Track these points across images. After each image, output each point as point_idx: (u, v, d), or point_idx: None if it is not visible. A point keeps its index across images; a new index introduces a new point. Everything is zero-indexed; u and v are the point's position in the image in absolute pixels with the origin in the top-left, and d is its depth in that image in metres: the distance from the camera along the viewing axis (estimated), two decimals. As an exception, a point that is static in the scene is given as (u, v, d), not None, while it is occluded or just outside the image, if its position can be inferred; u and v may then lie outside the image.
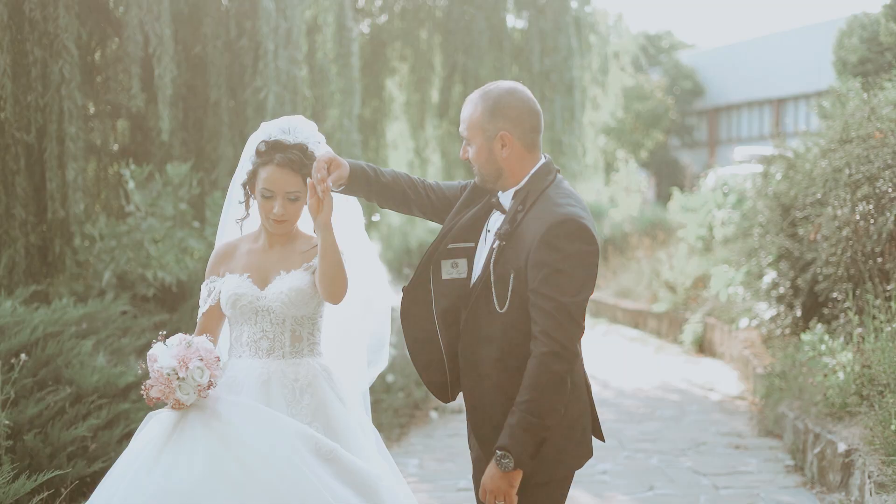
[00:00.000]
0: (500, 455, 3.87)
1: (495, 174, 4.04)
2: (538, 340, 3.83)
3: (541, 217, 3.90)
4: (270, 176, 4.30)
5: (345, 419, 4.31)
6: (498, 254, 3.95)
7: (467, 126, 4.05)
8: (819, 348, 9.17)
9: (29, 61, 9.40)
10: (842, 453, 7.36)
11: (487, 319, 3.98)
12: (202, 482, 3.99)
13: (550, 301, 3.81)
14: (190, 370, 4.10)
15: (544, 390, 3.82)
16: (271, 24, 10.63)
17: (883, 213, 8.99)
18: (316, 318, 4.44)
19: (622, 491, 8.00)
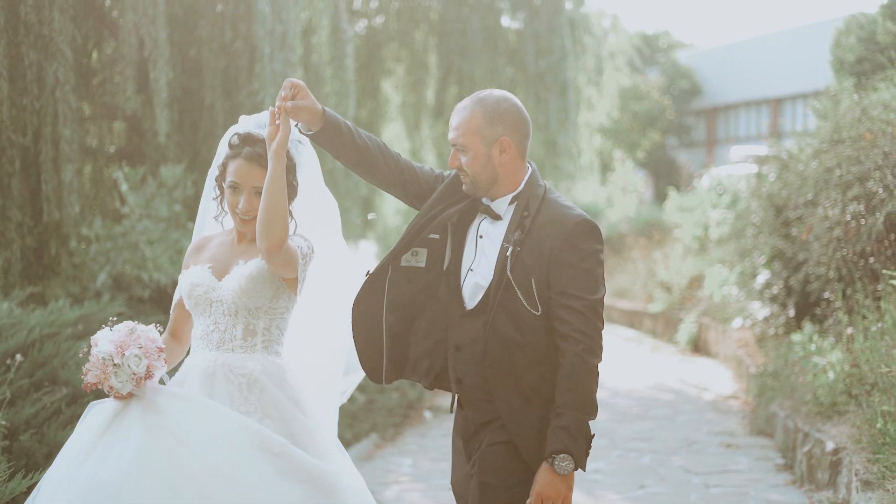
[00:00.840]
0: (560, 458, 3.89)
1: (491, 180, 4.08)
2: (572, 339, 3.92)
3: (556, 221, 4.00)
4: (238, 169, 4.23)
5: (301, 422, 4.17)
6: (514, 260, 3.99)
7: (462, 132, 4.06)
8: (809, 348, 9.25)
9: (24, 64, 9.44)
10: (830, 452, 7.43)
11: (514, 324, 4.00)
12: (129, 474, 3.87)
13: (579, 300, 3.93)
14: (126, 357, 3.99)
15: (588, 386, 3.93)
16: (266, 28, 10.68)
17: (873, 214, 9.06)
18: (274, 312, 4.28)
19: (613, 489, 8.08)
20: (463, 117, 4.07)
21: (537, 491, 3.93)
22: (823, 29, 24.57)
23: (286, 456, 4.00)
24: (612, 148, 31.80)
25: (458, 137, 4.07)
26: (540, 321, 3.99)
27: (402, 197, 4.35)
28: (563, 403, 3.91)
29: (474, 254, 4.14)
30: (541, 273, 3.97)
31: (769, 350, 11.03)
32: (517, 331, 4.00)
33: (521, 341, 4.00)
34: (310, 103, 4.10)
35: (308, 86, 12.53)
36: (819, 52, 20.57)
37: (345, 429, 9.43)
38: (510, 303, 3.99)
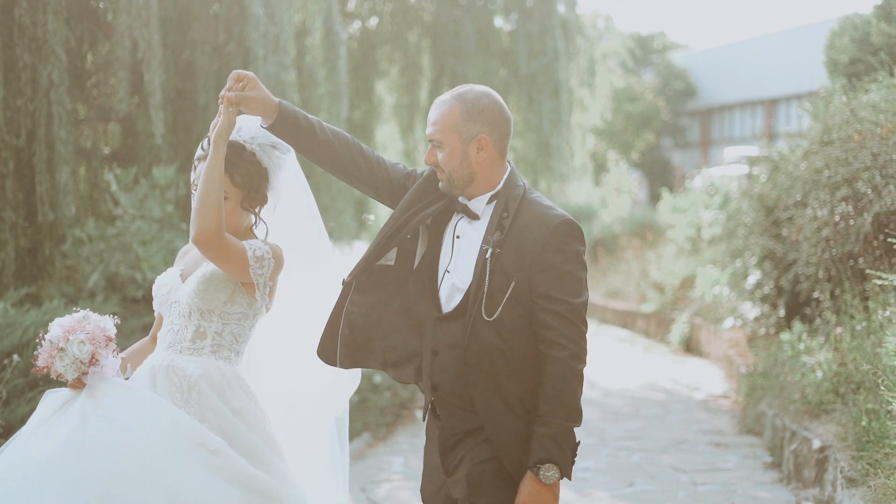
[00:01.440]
0: (544, 468, 3.74)
1: (467, 179, 3.94)
2: (556, 344, 3.79)
3: (537, 222, 3.87)
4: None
5: (240, 432, 4.07)
6: (494, 262, 3.85)
7: (440, 128, 3.93)
8: (797, 347, 9.33)
9: (18, 66, 9.50)
10: (816, 450, 7.51)
11: (496, 330, 3.85)
12: (54, 453, 3.83)
13: (562, 304, 3.79)
14: (70, 341, 3.95)
15: (574, 393, 3.81)
16: (260, 30, 10.76)
17: (861, 214, 9.14)
18: (228, 317, 4.19)
19: (602, 487, 8.16)
20: (441, 112, 3.94)
21: (521, 501, 3.79)
22: (818, 30, 24.66)
23: (221, 455, 3.91)
24: (607, 149, 31.88)
25: (435, 133, 3.94)
26: (521, 326, 3.84)
27: (373, 194, 4.24)
28: (549, 411, 3.77)
29: (451, 255, 3.99)
30: (522, 276, 3.83)
31: (759, 350, 11.09)
32: (498, 336, 3.84)
33: (502, 347, 3.84)
34: (259, 94, 4.01)
35: (302, 87, 12.73)
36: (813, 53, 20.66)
37: (337, 428, 9.50)
38: (490, 307, 3.85)
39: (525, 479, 3.79)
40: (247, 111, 4.07)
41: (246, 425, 4.09)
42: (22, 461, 3.85)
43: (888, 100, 9.78)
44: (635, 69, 38.67)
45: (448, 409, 3.95)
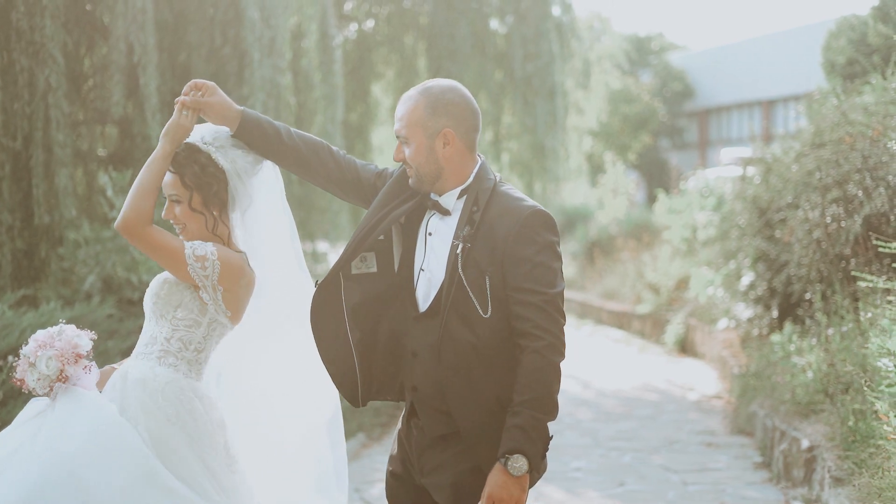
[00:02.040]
0: (513, 459, 3.66)
1: (435, 174, 3.88)
2: (531, 335, 3.70)
3: (507, 214, 3.80)
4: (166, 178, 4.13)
5: (172, 442, 3.95)
6: (465, 258, 3.79)
7: (405, 124, 3.87)
8: (788, 348, 9.41)
9: (15, 70, 9.58)
10: (805, 449, 7.59)
11: (464, 328, 3.79)
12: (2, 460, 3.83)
13: (537, 294, 3.71)
14: (39, 357, 3.91)
15: (547, 383, 3.70)
16: (255, 33, 10.84)
17: (851, 216, 9.22)
18: (177, 323, 4.09)
19: (594, 487, 8.23)
20: (406, 108, 3.88)
21: (488, 492, 3.69)
22: (815, 31, 24.71)
23: (155, 470, 3.85)
24: (603, 150, 31.97)
25: (402, 129, 3.89)
26: (496, 323, 3.77)
27: (345, 196, 4.20)
28: (521, 402, 3.68)
29: (424, 252, 3.92)
30: (495, 269, 3.76)
31: (752, 351, 11.17)
32: (472, 333, 3.77)
33: (476, 344, 3.77)
34: (217, 100, 4.02)
35: (297, 90, 12.82)
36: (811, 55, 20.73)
37: (332, 428, 9.57)
38: (462, 303, 3.78)
39: (493, 470, 3.71)
40: (207, 118, 4.08)
41: (186, 437, 3.97)
42: None
43: (880, 102, 9.86)
44: (632, 71, 38.72)
45: (428, 411, 3.89)
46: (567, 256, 24.25)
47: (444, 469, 3.87)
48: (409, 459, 4.00)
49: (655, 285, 17.66)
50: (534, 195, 17.68)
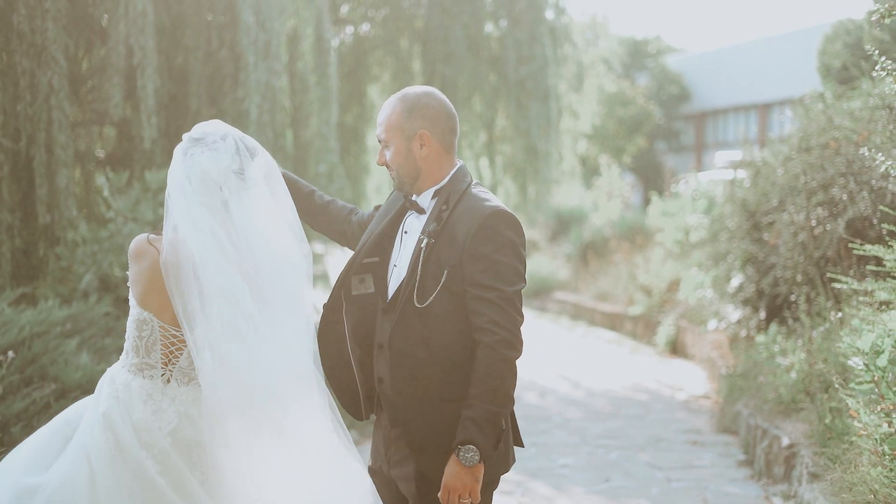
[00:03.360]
0: (464, 450, 3.81)
1: (413, 175, 4.08)
2: (486, 330, 3.84)
3: (470, 213, 3.96)
4: None
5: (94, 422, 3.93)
6: (427, 252, 3.95)
7: (385, 128, 4.08)
8: (772, 349, 9.59)
9: (17, 72, 9.74)
10: (785, 447, 7.79)
11: (418, 321, 3.95)
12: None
13: (493, 291, 3.85)
14: None
15: (500, 377, 3.84)
16: (251, 37, 11.00)
17: (835, 220, 9.41)
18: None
19: (580, 483, 8.42)
20: (385, 113, 4.09)
21: (444, 482, 3.87)
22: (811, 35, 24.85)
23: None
24: (598, 153, 32.09)
25: (382, 133, 4.10)
26: (449, 317, 3.93)
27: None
28: (475, 394, 3.84)
29: (399, 249, 4.13)
30: (455, 264, 3.93)
31: (740, 352, 11.35)
32: (424, 325, 3.94)
33: (427, 336, 3.94)
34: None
35: (293, 93, 12.99)
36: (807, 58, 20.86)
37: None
38: (421, 294, 3.95)
39: (449, 461, 3.86)
40: None
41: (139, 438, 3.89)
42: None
43: (865, 107, 10.03)
44: (627, 74, 38.78)
45: (389, 401, 4.04)
46: (561, 258, 24.42)
47: (408, 461, 4.04)
48: (379, 452, 4.18)
49: (648, 287, 17.85)
50: (527, 198, 17.86)
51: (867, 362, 5.53)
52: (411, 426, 3.98)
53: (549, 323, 20.71)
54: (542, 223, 26.42)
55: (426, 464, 3.97)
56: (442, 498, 3.89)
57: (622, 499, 7.96)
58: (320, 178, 12.74)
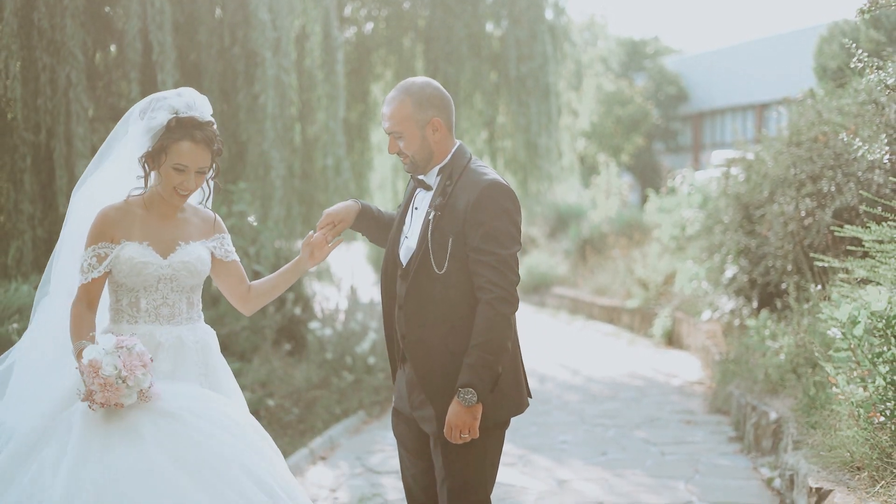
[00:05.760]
0: (464, 392, 4.32)
1: (427, 158, 4.56)
2: (485, 289, 4.36)
3: (470, 185, 4.46)
4: (187, 151, 4.51)
5: (232, 381, 4.79)
6: (434, 223, 4.46)
7: (397, 121, 4.52)
8: (763, 333, 10.01)
9: (38, 67, 10.13)
10: (773, 421, 8.23)
11: (429, 283, 4.46)
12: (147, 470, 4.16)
13: (491, 255, 4.36)
14: (137, 377, 4.19)
15: (496, 330, 4.33)
16: (265, 34, 11.42)
17: (823, 210, 9.81)
18: (202, 285, 4.73)
19: (578, 457, 8.87)
20: (394, 107, 4.53)
21: (447, 420, 4.38)
22: (808, 36, 25.17)
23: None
24: (597, 152, 32.51)
25: (394, 126, 4.53)
26: (453, 279, 4.44)
27: None
28: (474, 345, 4.34)
29: (410, 223, 4.65)
30: (458, 233, 4.42)
31: (733, 339, 11.74)
32: (433, 288, 4.45)
33: (435, 297, 4.45)
34: (350, 219, 4.79)
35: (302, 89, 13.41)
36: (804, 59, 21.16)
37: (334, 405, 10.20)
38: (427, 262, 4.46)
39: (452, 402, 4.40)
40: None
41: (230, 375, 4.87)
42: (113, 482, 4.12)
43: (855, 102, 10.41)
44: (626, 73, 39.14)
45: (411, 353, 4.55)
46: (559, 254, 24.82)
47: (427, 405, 4.57)
48: (403, 396, 4.72)
49: (644, 281, 18.24)
50: (528, 193, 18.25)
51: (844, 332, 5.95)
52: (427, 376, 4.51)
53: (547, 317, 21.13)
54: (541, 219, 26.82)
55: (442, 407, 4.48)
56: (446, 434, 4.40)
57: (618, 469, 8.40)
58: (327, 172, 13.15)
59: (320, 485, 8.16)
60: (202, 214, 4.79)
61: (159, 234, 4.61)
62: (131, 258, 4.52)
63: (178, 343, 4.59)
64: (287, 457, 8.60)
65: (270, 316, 10.87)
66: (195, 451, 4.23)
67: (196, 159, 4.53)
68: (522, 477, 8.24)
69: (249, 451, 4.35)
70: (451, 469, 4.52)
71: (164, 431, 4.25)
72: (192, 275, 4.62)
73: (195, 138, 4.51)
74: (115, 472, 4.11)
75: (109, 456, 4.15)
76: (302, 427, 9.56)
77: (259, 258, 11.00)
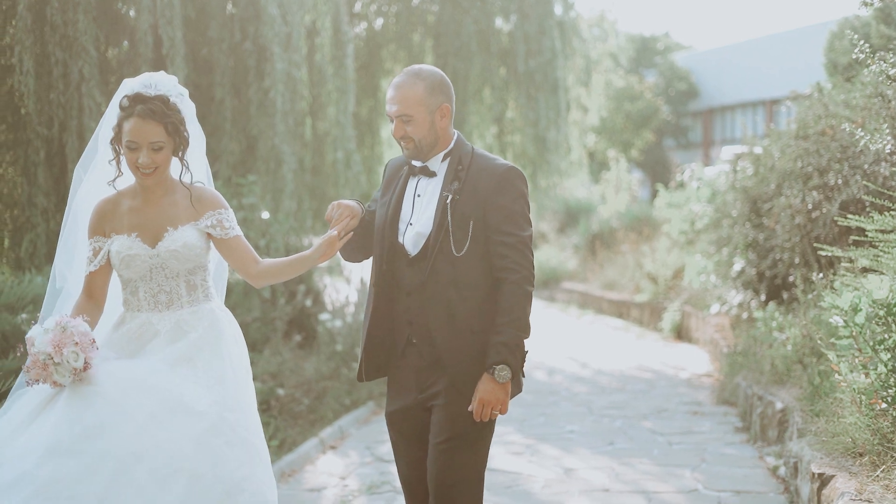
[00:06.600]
0: (499, 369, 4.42)
1: (432, 143, 4.63)
2: (510, 269, 4.50)
3: (488, 170, 4.60)
4: (133, 127, 4.49)
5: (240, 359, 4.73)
6: (453, 207, 4.55)
7: (409, 104, 4.57)
8: (770, 324, 10.08)
9: (51, 62, 10.26)
10: (779, 411, 8.31)
11: (448, 267, 4.53)
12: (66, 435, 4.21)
13: (512, 237, 4.52)
14: (65, 355, 4.21)
15: (524, 307, 4.49)
16: (275, 29, 11.53)
17: (830, 202, 9.87)
18: (206, 265, 4.73)
19: (586, 446, 8.95)
20: (405, 91, 4.58)
21: (479, 397, 4.46)
22: (818, 32, 25.19)
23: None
24: (607, 147, 32.57)
25: (404, 108, 4.57)
26: (472, 261, 4.54)
27: None
28: (504, 322, 4.46)
29: (412, 210, 4.69)
30: (478, 216, 4.53)
31: (741, 332, 11.80)
32: (453, 270, 4.53)
33: (456, 280, 4.53)
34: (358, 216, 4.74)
35: (312, 84, 13.53)
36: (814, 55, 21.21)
37: (344, 396, 10.30)
38: (447, 246, 4.55)
39: (482, 379, 4.49)
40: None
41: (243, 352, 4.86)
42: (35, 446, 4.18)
43: (862, 95, 10.47)
44: (636, 70, 39.15)
45: (421, 338, 4.63)
46: (569, 249, 24.90)
47: (441, 380, 4.62)
48: (405, 386, 4.74)
49: (654, 275, 18.31)
50: (537, 188, 18.34)
51: (846, 319, 6.02)
52: (446, 356, 4.56)
53: (557, 312, 21.21)
54: (550, 215, 26.90)
55: (457, 377, 4.55)
56: (476, 410, 4.48)
57: (625, 458, 8.48)
58: (338, 166, 13.25)
59: (330, 473, 8.27)
60: (195, 193, 4.73)
61: (148, 222, 4.64)
62: (119, 252, 4.59)
63: (177, 328, 4.62)
64: (297, 446, 8.71)
65: (281, 308, 10.97)
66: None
67: (144, 134, 4.50)
68: (530, 465, 8.33)
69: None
70: (456, 427, 4.55)
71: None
72: (182, 261, 4.62)
73: (139, 113, 4.48)
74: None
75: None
76: (312, 417, 9.66)
77: (269, 251, 11.10)
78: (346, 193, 14.00)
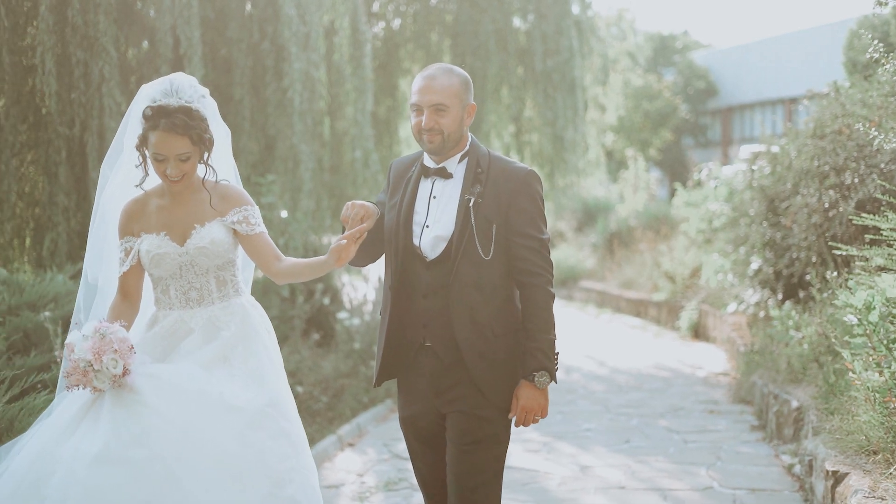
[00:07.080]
0: (539, 375, 4.46)
1: (457, 139, 4.55)
2: (534, 273, 4.49)
3: (508, 173, 4.56)
4: (159, 140, 4.51)
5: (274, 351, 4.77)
6: (476, 209, 4.50)
7: (448, 94, 4.50)
8: (787, 323, 10.10)
9: (72, 62, 10.35)
10: (794, 409, 8.34)
11: (472, 270, 4.49)
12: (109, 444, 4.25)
13: (534, 240, 4.51)
14: (104, 363, 4.27)
15: (550, 311, 4.52)
16: (293, 29, 11.60)
17: (846, 201, 9.89)
18: (234, 260, 4.76)
19: (602, 444, 9.01)
20: (443, 83, 4.50)
21: (521, 404, 4.50)
22: (837, 30, 25.11)
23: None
24: (625, 146, 32.57)
25: (444, 99, 4.48)
26: (495, 264, 4.50)
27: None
28: (535, 328, 4.49)
29: (427, 212, 4.61)
30: (501, 219, 4.49)
31: (758, 330, 11.82)
32: (477, 273, 4.49)
33: (479, 283, 4.49)
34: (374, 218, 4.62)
35: (330, 84, 13.60)
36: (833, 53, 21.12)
37: (362, 394, 10.37)
38: (471, 249, 4.49)
39: (522, 386, 4.52)
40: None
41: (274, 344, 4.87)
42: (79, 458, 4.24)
43: (880, 94, 10.47)
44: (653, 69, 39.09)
45: (441, 342, 4.58)
46: (587, 248, 24.92)
47: (462, 383, 4.59)
48: (419, 390, 4.70)
49: (671, 274, 18.32)
50: (555, 187, 18.38)
51: (860, 318, 6.06)
52: (469, 359, 4.52)
53: (575, 310, 21.24)
54: (568, 213, 26.91)
55: (481, 380, 4.53)
56: (518, 418, 4.53)
57: (641, 456, 8.53)
58: (356, 165, 13.32)
59: (348, 470, 8.34)
60: (220, 191, 4.77)
61: (176, 221, 4.69)
62: (149, 251, 4.65)
63: (209, 325, 4.67)
64: (316, 443, 8.78)
65: (300, 306, 11.05)
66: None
67: (170, 147, 4.54)
68: (546, 463, 8.39)
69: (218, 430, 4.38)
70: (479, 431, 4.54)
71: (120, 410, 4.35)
72: (210, 257, 4.67)
73: (164, 127, 4.50)
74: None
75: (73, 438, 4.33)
76: (330, 415, 9.73)
77: (288, 250, 11.17)
78: (364, 192, 14.07)
